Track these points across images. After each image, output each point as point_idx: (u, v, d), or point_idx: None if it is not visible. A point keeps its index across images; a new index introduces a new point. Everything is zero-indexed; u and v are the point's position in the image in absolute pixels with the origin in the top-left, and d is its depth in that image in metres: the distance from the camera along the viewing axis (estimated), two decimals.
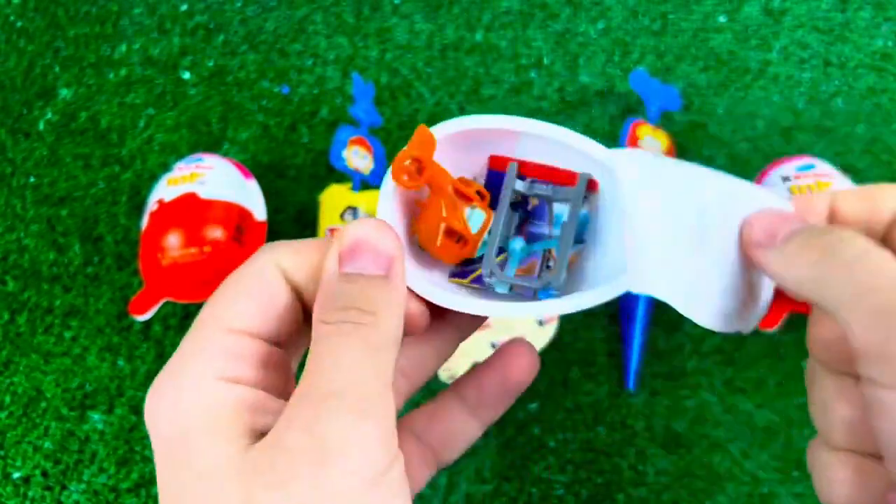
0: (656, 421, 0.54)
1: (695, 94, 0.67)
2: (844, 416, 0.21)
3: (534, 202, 0.26)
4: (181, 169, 0.58)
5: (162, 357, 0.57)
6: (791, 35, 0.70)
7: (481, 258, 0.25)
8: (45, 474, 0.54)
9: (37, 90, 0.69)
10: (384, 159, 0.61)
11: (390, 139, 0.65)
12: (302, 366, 0.21)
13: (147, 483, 0.53)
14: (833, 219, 0.22)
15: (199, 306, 0.58)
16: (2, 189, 0.65)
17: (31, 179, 0.65)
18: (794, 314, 0.52)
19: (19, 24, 0.73)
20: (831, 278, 0.19)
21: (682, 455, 0.53)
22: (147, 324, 0.58)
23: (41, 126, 0.68)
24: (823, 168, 0.56)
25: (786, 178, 0.56)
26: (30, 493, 0.54)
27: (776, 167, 0.57)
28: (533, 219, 0.26)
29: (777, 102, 0.66)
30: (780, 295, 0.24)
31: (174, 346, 0.60)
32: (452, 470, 0.53)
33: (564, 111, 0.66)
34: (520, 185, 0.25)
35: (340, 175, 0.61)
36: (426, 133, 0.25)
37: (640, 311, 0.55)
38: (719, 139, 0.65)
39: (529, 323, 0.55)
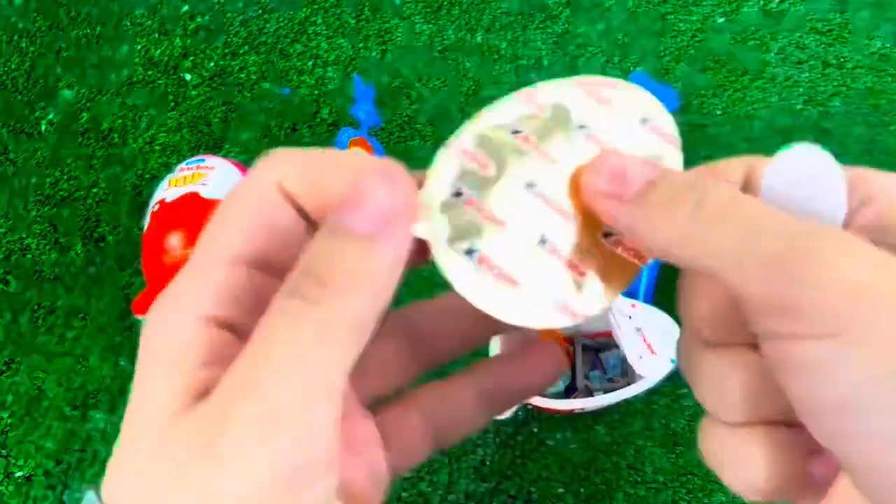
0: (655, 420, 0.55)
1: (693, 95, 0.67)
2: (743, 384, 0.18)
3: None
4: (183, 170, 0.58)
5: None
6: (789, 36, 0.70)
7: None
8: (47, 473, 0.55)
9: (39, 91, 0.69)
10: None
11: (391, 140, 0.65)
12: None
13: None
14: (747, 189, 0.19)
15: None
16: (4, 189, 0.65)
17: (34, 180, 0.66)
18: None
19: (21, 25, 0.73)
20: (707, 234, 0.16)
21: (681, 453, 0.54)
22: None
23: (43, 126, 0.68)
24: None
25: None
26: (32, 493, 0.54)
27: None
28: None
29: (775, 103, 0.66)
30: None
31: None
32: (452, 468, 0.53)
33: None
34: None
35: None
36: None
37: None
38: (718, 140, 0.65)
39: None
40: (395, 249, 0.17)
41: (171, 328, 0.18)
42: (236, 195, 0.19)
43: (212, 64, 0.70)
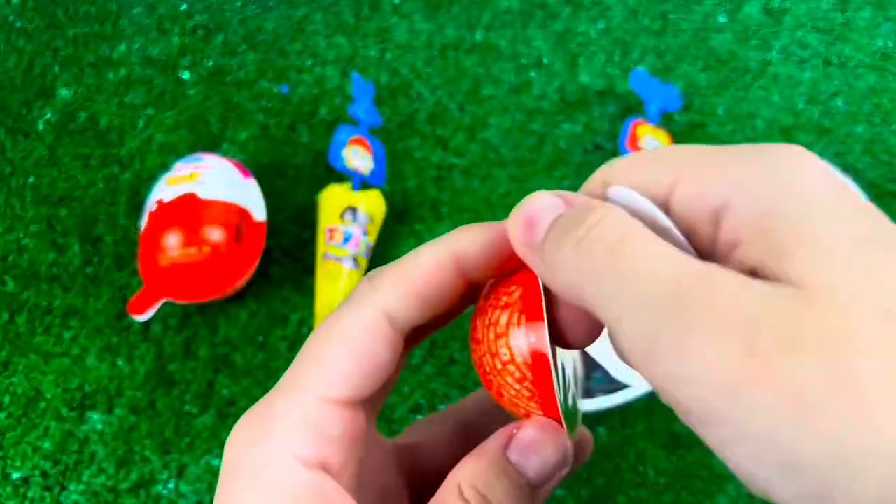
0: (656, 422, 0.54)
1: (695, 93, 0.67)
2: None
3: None
4: (180, 169, 0.57)
5: (161, 357, 0.57)
6: (791, 35, 0.69)
7: None
8: (44, 475, 0.54)
9: (36, 90, 0.69)
10: (384, 159, 0.61)
11: (390, 139, 0.65)
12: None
13: (146, 484, 0.53)
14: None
15: (198, 307, 0.58)
16: (1, 189, 0.65)
17: (31, 179, 0.65)
18: None
19: (18, 23, 0.73)
20: (588, 274, 0.16)
21: (683, 455, 0.53)
22: (146, 324, 0.58)
23: (40, 126, 0.67)
24: None
25: None
26: (29, 494, 0.54)
27: None
28: None
29: (777, 102, 0.66)
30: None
31: (173, 346, 0.60)
32: None
33: (564, 111, 0.66)
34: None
35: (340, 175, 0.61)
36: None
37: None
38: (719, 139, 0.64)
39: None
40: (543, 499, 0.20)
41: (272, 463, 0.18)
42: (341, 324, 0.20)
43: (210, 63, 0.70)
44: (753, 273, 0.15)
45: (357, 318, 0.19)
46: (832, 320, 0.13)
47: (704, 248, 0.17)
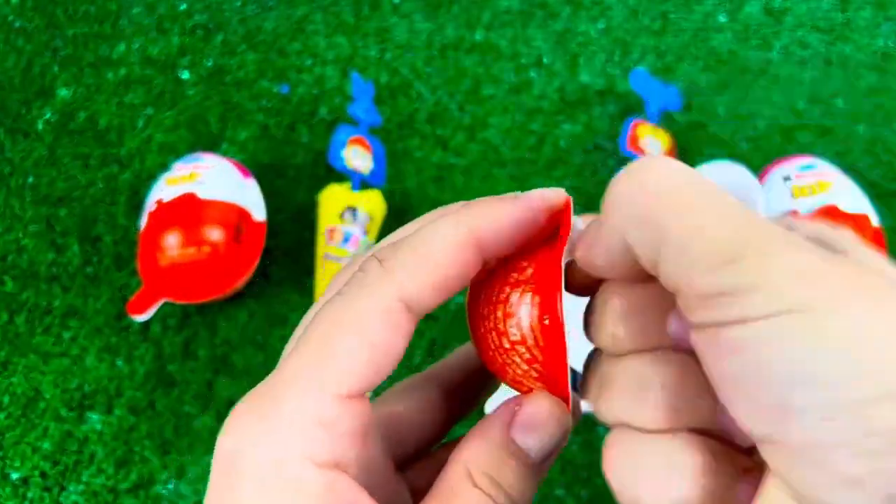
0: None
1: (695, 93, 0.67)
2: (665, 385, 0.18)
3: None
4: (180, 169, 0.57)
5: (161, 357, 0.57)
6: (792, 35, 0.69)
7: None
8: (43, 475, 0.54)
9: (35, 90, 0.69)
10: (384, 159, 0.61)
11: (390, 139, 0.65)
12: None
13: (146, 484, 0.53)
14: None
15: (198, 307, 0.58)
16: (0, 189, 0.65)
17: (30, 179, 0.65)
18: None
19: (18, 23, 0.73)
20: (656, 222, 0.17)
21: None
22: (146, 324, 0.58)
23: (40, 126, 0.67)
24: (824, 168, 0.56)
25: (787, 178, 0.55)
26: (29, 494, 0.54)
27: (777, 167, 0.57)
28: None
29: (778, 102, 0.66)
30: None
31: (173, 346, 0.60)
32: None
33: (564, 111, 0.66)
34: None
35: (340, 175, 0.61)
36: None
37: None
38: (720, 139, 0.64)
39: None
40: (546, 474, 0.20)
41: (283, 461, 0.17)
42: (355, 312, 0.18)
43: (209, 62, 0.70)
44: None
45: (373, 307, 0.18)
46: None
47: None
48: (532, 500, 0.19)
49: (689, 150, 0.64)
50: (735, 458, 0.17)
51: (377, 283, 0.18)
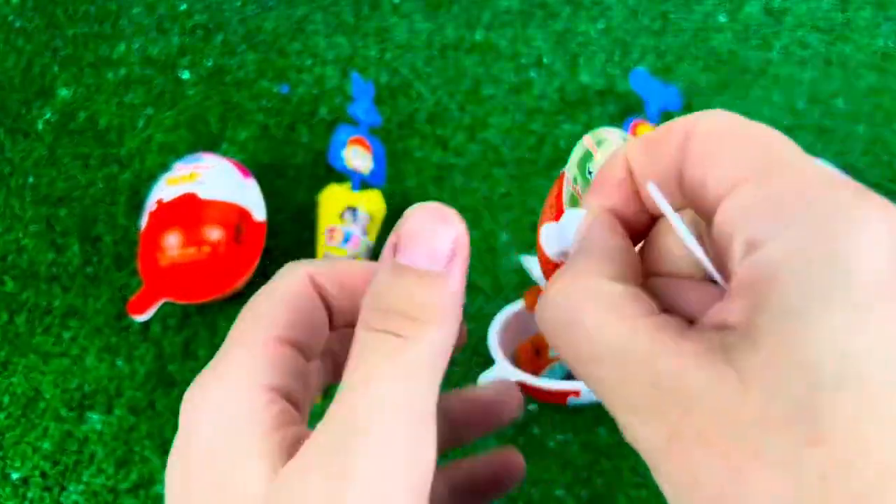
0: None
1: (695, 93, 0.67)
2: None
3: None
4: (180, 169, 0.57)
5: (161, 357, 0.57)
6: (792, 35, 0.69)
7: None
8: (43, 475, 0.54)
9: (35, 90, 0.69)
10: (384, 159, 0.61)
11: (390, 139, 0.65)
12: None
13: (146, 484, 0.53)
14: (631, 183, 0.19)
15: (198, 307, 0.58)
16: (0, 189, 0.65)
17: (30, 179, 0.65)
18: None
19: (18, 23, 0.73)
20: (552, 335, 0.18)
21: None
22: (146, 324, 0.58)
23: (40, 126, 0.67)
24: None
25: None
26: (29, 494, 0.54)
27: None
28: None
29: (777, 102, 0.66)
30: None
31: (173, 346, 0.60)
32: None
33: (564, 111, 0.66)
34: None
35: (340, 175, 0.61)
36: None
37: None
38: None
39: None
40: (458, 283, 0.19)
41: (239, 397, 0.19)
42: (273, 284, 0.21)
43: (209, 62, 0.70)
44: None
45: (285, 277, 0.21)
46: (748, 429, 0.14)
47: (721, 257, 0.17)
48: (457, 330, 0.19)
49: None
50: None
51: (290, 266, 0.22)
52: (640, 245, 0.20)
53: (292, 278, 0.21)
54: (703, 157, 0.17)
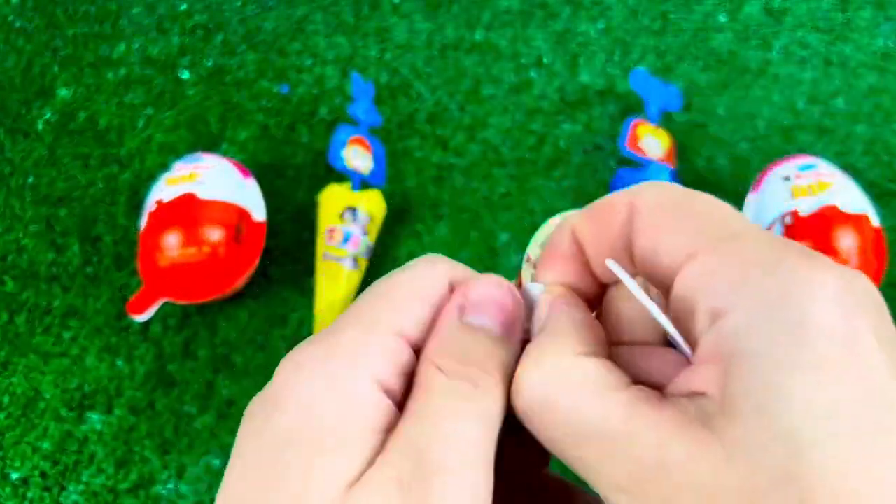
0: None
1: (695, 93, 0.67)
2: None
3: None
4: (180, 169, 0.57)
5: (161, 357, 0.57)
6: (792, 35, 0.69)
7: None
8: (43, 475, 0.54)
9: (35, 90, 0.69)
10: (384, 159, 0.61)
11: (390, 139, 0.65)
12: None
13: (146, 484, 0.53)
14: (582, 256, 0.20)
15: (198, 307, 0.58)
16: (0, 189, 0.65)
17: (30, 179, 0.65)
18: None
19: (18, 23, 0.73)
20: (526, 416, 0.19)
21: None
22: (146, 324, 0.58)
23: (40, 126, 0.67)
24: (824, 168, 0.56)
25: (786, 178, 0.55)
26: (28, 494, 0.54)
27: (777, 167, 0.57)
28: None
29: (778, 102, 0.66)
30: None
31: (173, 346, 0.60)
32: None
33: (564, 111, 0.66)
34: None
35: (340, 175, 0.61)
36: None
37: None
38: (720, 139, 0.64)
39: None
40: (517, 348, 0.19)
41: (356, 387, 0.18)
42: (413, 274, 0.20)
43: (209, 62, 0.70)
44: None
45: (425, 272, 0.20)
46: None
47: (682, 324, 0.18)
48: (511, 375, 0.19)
49: (688, 149, 0.64)
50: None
51: (429, 265, 0.20)
52: (593, 315, 0.21)
53: (435, 277, 0.20)
54: (652, 229, 0.18)
